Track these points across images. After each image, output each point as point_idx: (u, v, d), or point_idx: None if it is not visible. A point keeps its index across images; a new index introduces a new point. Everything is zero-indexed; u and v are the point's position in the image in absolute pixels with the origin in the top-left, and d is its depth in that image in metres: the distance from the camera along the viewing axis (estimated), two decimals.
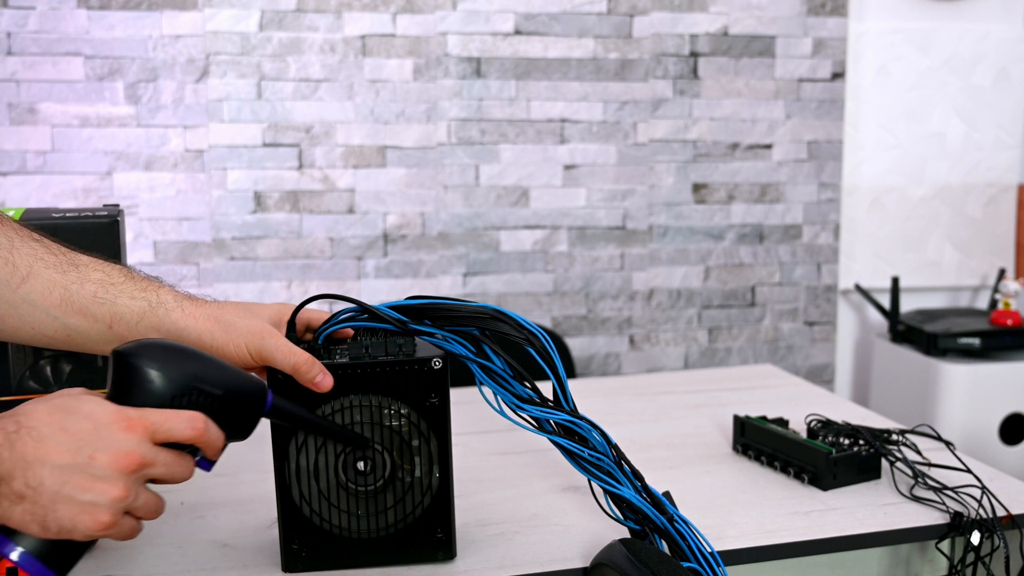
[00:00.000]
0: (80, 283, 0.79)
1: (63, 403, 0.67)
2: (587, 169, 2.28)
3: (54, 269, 0.78)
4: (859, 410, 1.33)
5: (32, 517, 0.64)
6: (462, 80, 2.20)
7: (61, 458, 0.64)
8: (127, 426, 0.66)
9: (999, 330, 2.19)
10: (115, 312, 0.79)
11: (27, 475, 0.64)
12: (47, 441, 0.65)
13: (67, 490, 0.64)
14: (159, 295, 0.81)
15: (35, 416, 0.66)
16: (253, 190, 2.14)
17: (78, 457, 0.65)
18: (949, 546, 0.96)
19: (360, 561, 0.84)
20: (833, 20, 2.36)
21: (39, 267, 0.78)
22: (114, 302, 0.79)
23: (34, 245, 0.79)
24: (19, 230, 0.79)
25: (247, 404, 0.72)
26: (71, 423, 0.66)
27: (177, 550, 0.88)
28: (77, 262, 0.80)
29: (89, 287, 0.79)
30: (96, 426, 0.66)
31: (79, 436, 0.65)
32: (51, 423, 0.65)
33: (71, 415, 0.66)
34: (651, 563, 0.78)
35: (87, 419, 0.66)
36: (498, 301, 2.26)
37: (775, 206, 2.39)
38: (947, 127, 2.48)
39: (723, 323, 2.40)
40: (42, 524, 0.65)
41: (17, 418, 0.66)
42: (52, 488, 0.64)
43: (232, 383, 0.71)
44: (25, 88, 2.02)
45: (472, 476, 1.07)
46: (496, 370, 0.84)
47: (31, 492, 0.64)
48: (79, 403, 0.67)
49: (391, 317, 0.84)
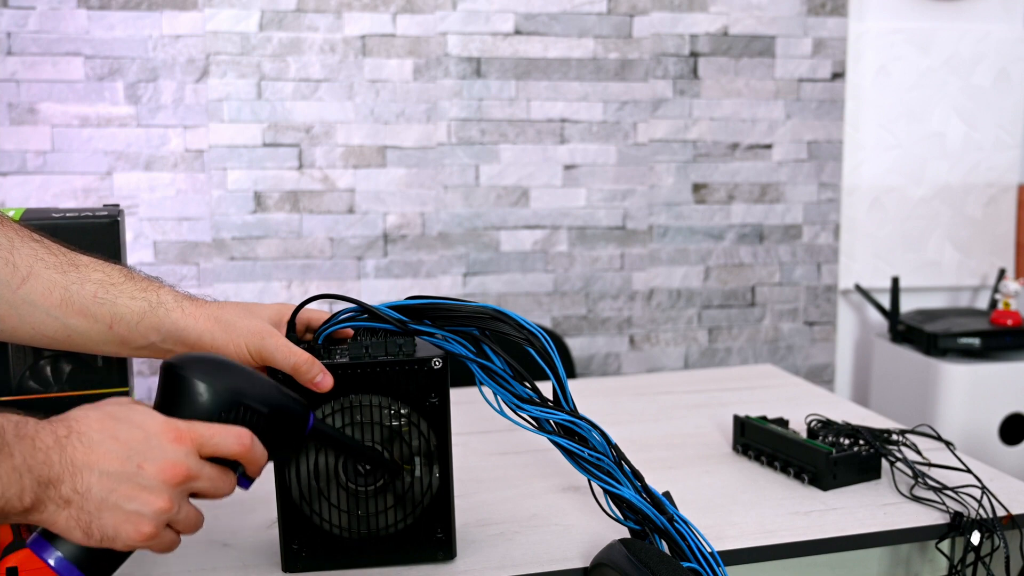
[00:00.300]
0: (80, 283, 0.79)
1: (114, 411, 0.67)
2: (587, 169, 2.28)
3: (54, 269, 0.79)
4: (859, 410, 1.33)
5: (77, 523, 0.64)
6: (462, 80, 2.20)
7: (110, 465, 0.65)
8: (176, 437, 0.67)
9: (999, 330, 2.19)
10: (115, 312, 0.79)
11: (75, 480, 0.64)
12: (97, 447, 0.65)
13: (114, 498, 0.65)
14: (159, 295, 0.81)
15: (86, 422, 0.66)
16: (253, 190, 2.14)
17: (127, 465, 0.65)
18: (949, 546, 0.96)
19: (360, 561, 0.84)
20: (833, 20, 2.36)
21: (39, 267, 0.78)
22: (114, 302, 0.79)
23: (34, 245, 0.79)
24: (19, 230, 0.79)
25: (291, 423, 0.73)
26: (122, 431, 0.66)
27: (177, 550, 0.88)
28: (77, 262, 0.80)
29: (89, 287, 0.79)
30: (146, 435, 0.66)
31: (129, 444, 0.66)
32: (102, 429, 0.66)
33: (122, 423, 0.66)
34: (651, 563, 0.78)
35: (138, 428, 0.66)
36: (498, 301, 2.26)
37: (775, 206, 2.39)
38: (947, 127, 2.48)
39: (723, 323, 2.40)
40: (86, 530, 0.65)
41: (68, 423, 0.66)
42: (99, 495, 0.64)
43: (278, 402, 0.72)
44: (25, 88, 2.02)
45: (472, 476, 1.07)
46: (496, 370, 0.84)
47: (78, 497, 0.64)
48: (129, 412, 0.67)
49: (391, 317, 0.84)
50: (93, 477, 0.64)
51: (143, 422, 0.67)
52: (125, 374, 0.98)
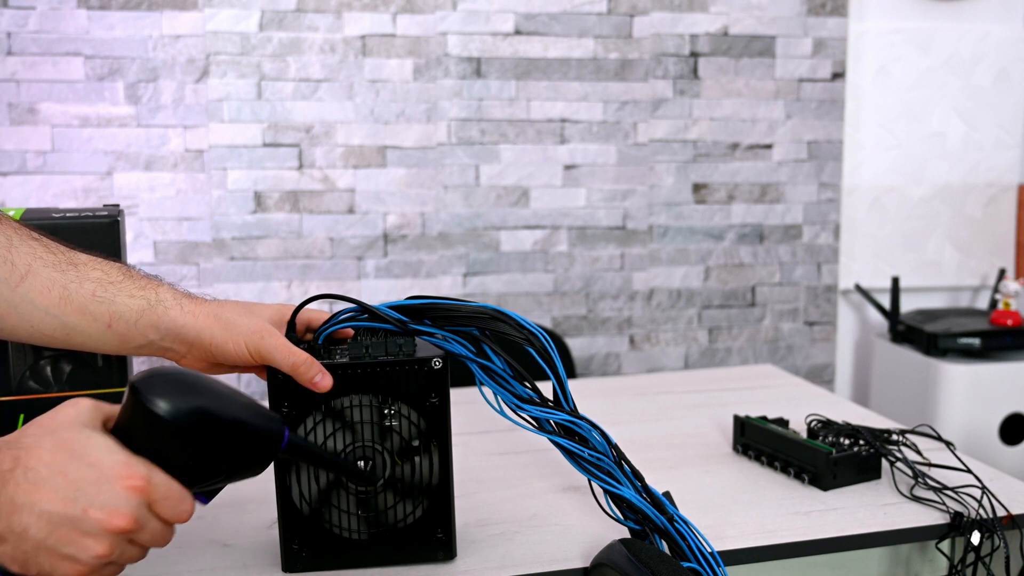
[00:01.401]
0: (79, 282, 0.78)
1: (70, 439, 0.64)
2: (587, 169, 2.28)
3: (53, 268, 0.78)
4: (859, 410, 1.33)
5: (12, 559, 0.63)
6: (462, 80, 2.20)
7: (54, 505, 0.62)
8: (130, 485, 0.63)
9: (999, 330, 2.19)
10: (114, 311, 0.79)
11: (11, 519, 0.62)
12: (43, 485, 0.62)
13: (51, 541, 0.62)
14: (158, 293, 0.81)
15: (36, 452, 0.63)
16: (253, 190, 2.14)
17: (71, 508, 0.62)
18: (949, 546, 0.96)
19: (360, 561, 0.84)
20: (833, 20, 2.36)
21: (38, 266, 0.78)
22: (113, 300, 0.79)
23: (33, 244, 0.79)
24: (18, 229, 0.79)
25: (261, 443, 0.70)
26: (72, 468, 0.63)
27: (177, 550, 0.88)
28: (76, 261, 0.80)
29: (88, 286, 0.79)
30: (99, 477, 0.63)
31: (77, 484, 0.62)
32: (52, 463, 0.63)
33: (75, 458, 0.63)
34: (651, 563, 0.78)
35: (91, 466, 0.63)
36: (498, 301, 2.26)
37: (775, 206, 2.39)
38: (947, 127, 2.48)
39: (723, 323, 2.40)
40: (23, 566, 0.63)
41: (16, 452, 0.63)
42: (36, 536, 0.62)
43: (246, 421, 0.68)
44: (25, 88, 2.02)
45: (472, 476, 1.07)
46: (496, 370, 0.84)
47: (14, 536, 0.62)
48: (87, 443, 0.64)
49: (391, 317, 0.84)
50: (32, 517, 0.62)
51: (98, 459, 0.63)
52: (125, 374, 0.98)
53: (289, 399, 0.81)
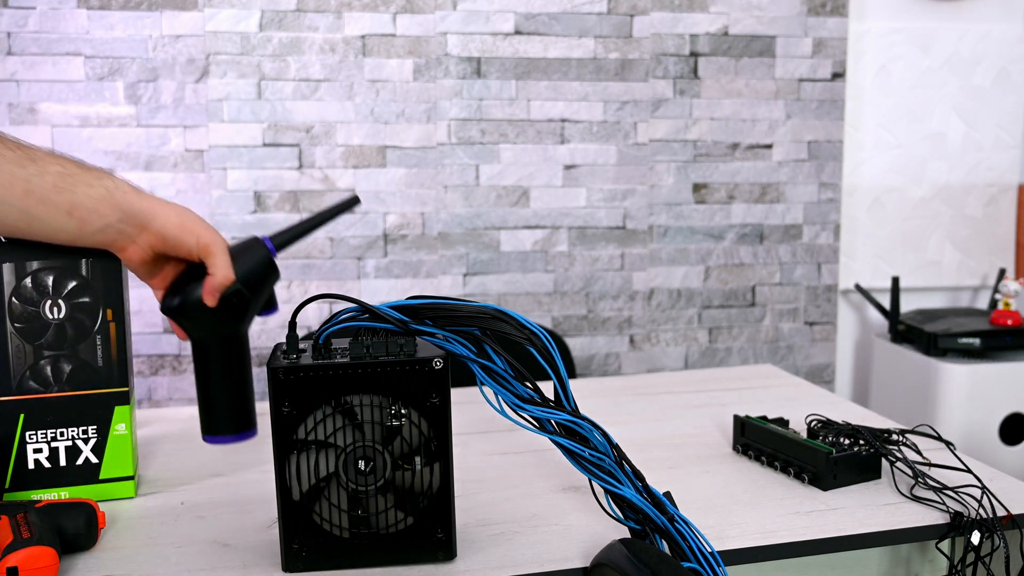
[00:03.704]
0: (40, 175, 0.85)
1: None
2: (587, 169, 2.28)
3: (14, 164, 0.84)
4: (859, 410, 1.33)
5: None
6: (462, 80, 2.20)
7: None
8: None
9: (999, 330, 2.19)
10: (74, 200, 0.86)
11: None
12: None
13: None
14: (114, 182, 0.90)
15: None
16: (253, 190, 2.14)
17: None
18: (949, 546, 0.96)
19: (360, 561, 0.84)
20: (833, 20, 2.36)
21: (0, 163, 0.84)
22: (73, 190, 0.86)
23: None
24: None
25: (264, 271, 0.91)
26: None
27: (177, 550, 0.88)
28: (34, 156, 0.87)
29: (48, 178, 0.86)
30: None
31: None
32: None
33: None
34: (651, 563, 0.78)
35: None
36: (498, 301, 2.26)
37: (775, 206, 2.39)
38: (947, 127, 2.48)
39: (723, 323, 2.40)
40: None
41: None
42: None
43: (251, 267, 0.90)
44: (25, 88, 2.02)
45: (472, 476, 1.07)
46: (497, 370, 0.84)
47: None
48: None
49: (392, 317, 0.84)
50: None
51: None
52: (125, 374, 0.98)
53: (289, 398, 0.81)
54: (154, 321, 2.14)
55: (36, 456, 0.96)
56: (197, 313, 0.89)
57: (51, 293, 0.94)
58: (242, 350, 0.93)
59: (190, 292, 0.89)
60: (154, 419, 1.30)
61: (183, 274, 0.90)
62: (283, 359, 0.82)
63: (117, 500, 0.99)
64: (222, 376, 0.92)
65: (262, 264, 0.91)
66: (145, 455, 1.14)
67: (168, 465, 1.11)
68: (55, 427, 0.96)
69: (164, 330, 2.14)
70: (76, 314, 0.95)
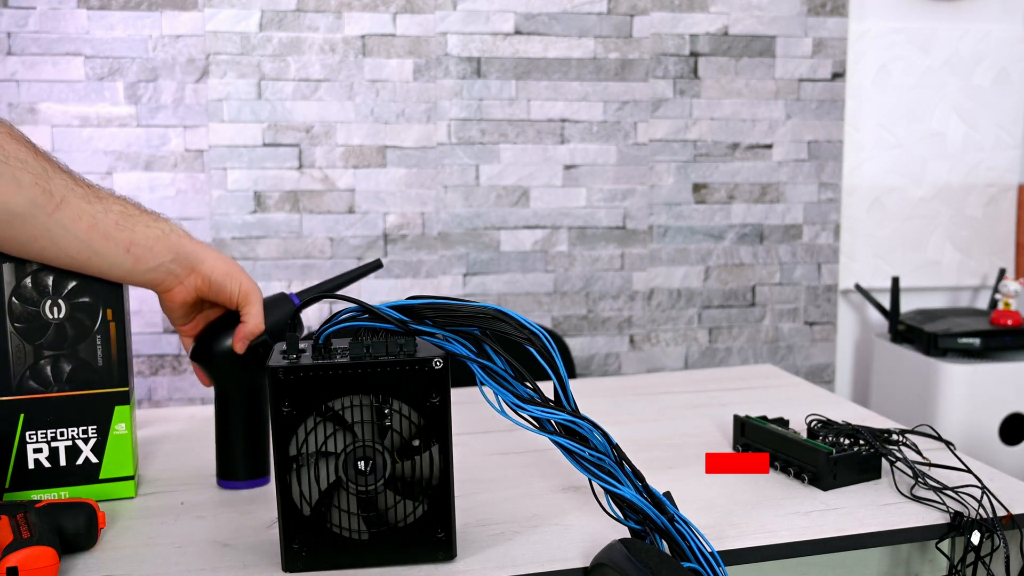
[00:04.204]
0: (104, 212, 0.91)
1: None
2: (587, 169, 2.28)
3: (83, 199, 0.90)
4: (859, 410, 1.33)
5: None
6: (462, 80, 2.20)
7: None
8: None
9: (999, 330, 2.19)
10: (133, 238, 0.92)
11: None
12: None
13: None
14: (169, 225, 0.95)
15: None
16: (253, 190, 2.14)
17: None
18: (949, 546, 0.96)
19: (360, 561, 0.84)
20: (833, 20, 2.36)
21: (71, 196, 0.89)
22: (132, 229, 0.92)
23: (65, 176, 0.90)
24: (50, 161, 0.90)
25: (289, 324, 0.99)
26: None
27: (177, 550, 0.88)
28: (100, 195, 0.92)
29: (111, 216, 0.91)
30: None
31: None
32: None
33: None
34: (651, 563, 0.78)
35: None
36: (498, 301, 2.26)
37: (775, 206, 2.39)
38: (947, 127, 2.48)
39: (723, 323, 2.40)
40: None
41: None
42: None
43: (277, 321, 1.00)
44: (25, 88, 2.02)
45: (472, 476, 1.07)
46: (497, 370, 0.84)
47: None
48: None
49: (392, 317, 0.84)
50: None
51: None
52: (125, 374, 0.98)
53: (289, 399, 0.81)
54: (154, 321, 2.14)
55: (36, 456, 0.96)
56: (225, 361, 0.97)
57: (51, 293, 0.94)
58: (261, 400, 1.01)
59: (220, 340, 0.98)
60: (154, 419, 1.30)
61: (212, 325, 0.99)
62: (283, 359, 0.82)
63: (117, 500, 0.99)
64: (241, 424, 1.01)
65: (287, 318, 1.01)
66: (145, 455, 1.14)
67: (168, 465, 1.11)
68: (55, 427, 0.96)
69: (164, 330, 2.15)
70: (76, 314, 0.95)
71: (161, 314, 2.12)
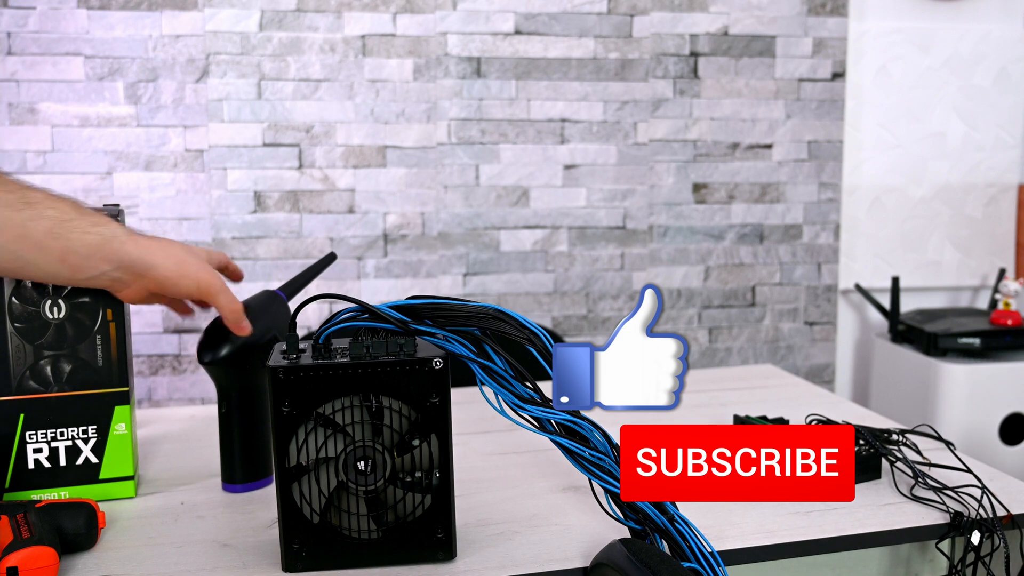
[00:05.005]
0: (35, 220, 0.85)
1: None
2: (587, 169, 2.28)
3: (10, 208, 0.84)
4: (859, 410, 1.33)
5: None
6: (462, 80, 2.20)
7: None
8: None
9: (999, 330, 2.19)
10: (68, 246, 0.86)
11: None
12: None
13: None
14: (111, 228, 0.88)
15: None
16: (253, 190, 2.14)
17: None
18: (949, 546, 0.96)
19: (360, 561, 0.84)
20: (833, 20, 2.36)
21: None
22: (67, 237, 0.86)
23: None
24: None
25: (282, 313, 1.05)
26: None
27: (177, 550, 0.88)
28: (31, 200, 0.86)
29: (43, 223, 0.85)
30: None
31: None
32: None
33: None
34: (651, 563, 0.78)
35: None
36: (498, 301, 2.26)
37: (775, 206, 2.39)
38: (947, 127, 2.48)
39: (723, 323, 2.40)
40: None
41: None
42: None
43: (271, 321, 1.03)
44: (25, 88, 2.02)
45: (472, 476, 1.07)
46: (497, 370, 0.84)
47: None
48: None
49: (392, 317, 0.84)
50: None
51: None
52: (125, 374, 0.98)
53: (289, 398, 0.81)
54: (154, 321, 2.14)
55: (36, 456, 0.96)
56: (232, 364, 0.98)
57: (51, 293, 0.94)
58: (263, 403, 1.00)
59: (225, 344, 0.98)
60: (154, 419, 1.30)
61: (214, 327, 0.99)
62: (283, 359, 0.82)
63: (117, 500, 0.99)
64: (246, 426, 1.01)
65: (286, 313, 1.04)
66: (145, 455, 1.14)
67: (168, 465, 1.11)
68: (55, 427, 0.96)
69: (164, 330, 2.15)
70: (76, 314, 0.95)
71: (161, 314, 2.12)
